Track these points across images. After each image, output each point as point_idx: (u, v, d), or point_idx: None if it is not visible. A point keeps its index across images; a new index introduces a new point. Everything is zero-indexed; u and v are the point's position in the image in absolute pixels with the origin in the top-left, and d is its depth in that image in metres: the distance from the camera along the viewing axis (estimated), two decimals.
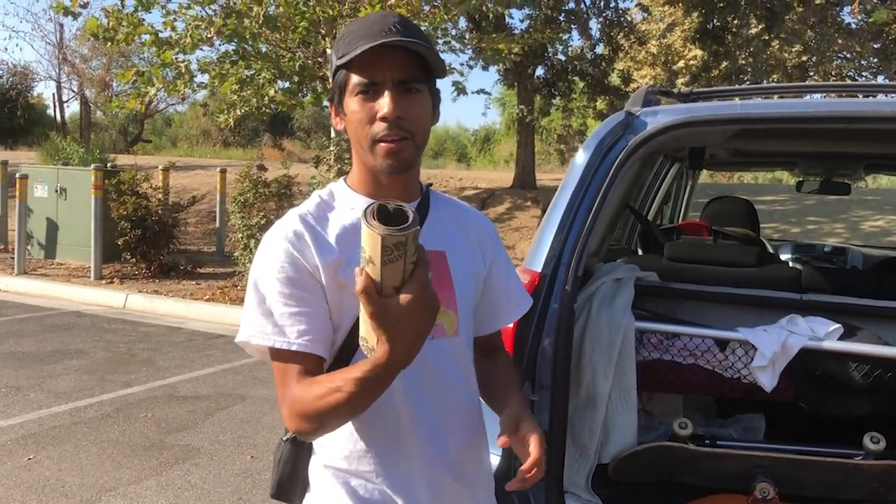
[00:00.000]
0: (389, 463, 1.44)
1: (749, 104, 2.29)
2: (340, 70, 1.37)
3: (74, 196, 10.71)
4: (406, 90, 1.35)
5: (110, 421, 4.97)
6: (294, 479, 1.55)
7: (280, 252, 1.37)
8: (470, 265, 1.53)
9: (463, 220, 1.57)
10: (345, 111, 1.39)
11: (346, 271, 1.37)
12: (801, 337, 2.29)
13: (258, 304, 1.37)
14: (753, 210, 3.44)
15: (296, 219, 1.41)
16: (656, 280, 2.68)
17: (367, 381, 1.22)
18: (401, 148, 1.36)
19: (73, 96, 28.14)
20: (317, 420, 1.30)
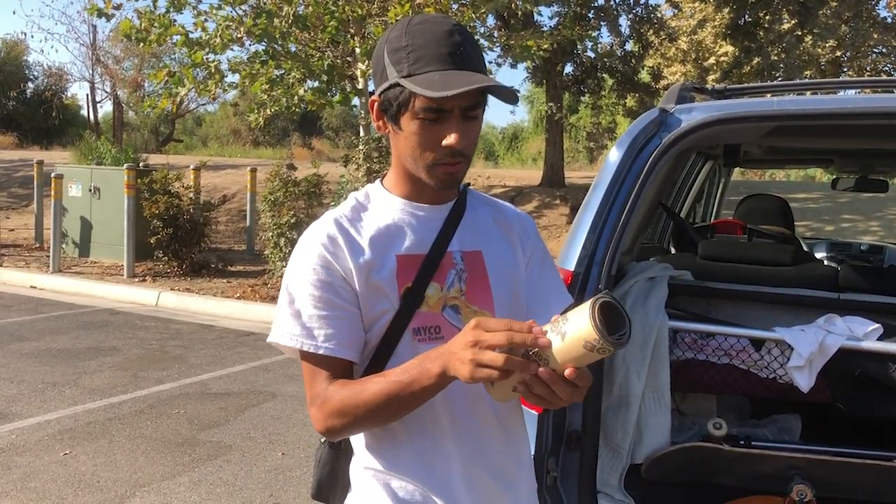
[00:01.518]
0: (429, 464, 1.43)
1: (785, 101, 2.25)
2: (401, 87, 1.31)
3: (108, 195, 10.87)
4: (469, 116, 1.33)
5: (143, 417, 5.03)
6: (334, 480, 1.56)
7: (313, 255, 1.37)
8: (508, 264, 1.51)
9: (501, 220, 1.55)
10: (400, 127, 1.35)
11: (380, 273, 1.37)
12: (839, 337, 2.25)
13: (289, 306, 1.38)
14: (788, 208, 3.39)
15: (330, 222, 1.41)
16: (690, 279, 2.65)
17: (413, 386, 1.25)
18: (458, 170, 1.36)
19: (105, 97, 28.54)
20: (349, 415, 1.32)
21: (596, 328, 1.10)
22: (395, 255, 1.39)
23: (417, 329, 1.39)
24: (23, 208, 15.90)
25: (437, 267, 1.41)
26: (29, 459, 4.27)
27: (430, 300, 1.40)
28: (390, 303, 1.37)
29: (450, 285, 1.42)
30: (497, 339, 1.15)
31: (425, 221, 1.44)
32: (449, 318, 1.41)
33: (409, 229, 1.42)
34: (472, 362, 1.16)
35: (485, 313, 1.46)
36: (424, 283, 1.40)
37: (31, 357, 6.37)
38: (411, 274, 1.39)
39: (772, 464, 2.32)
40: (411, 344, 1.38)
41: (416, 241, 1.42)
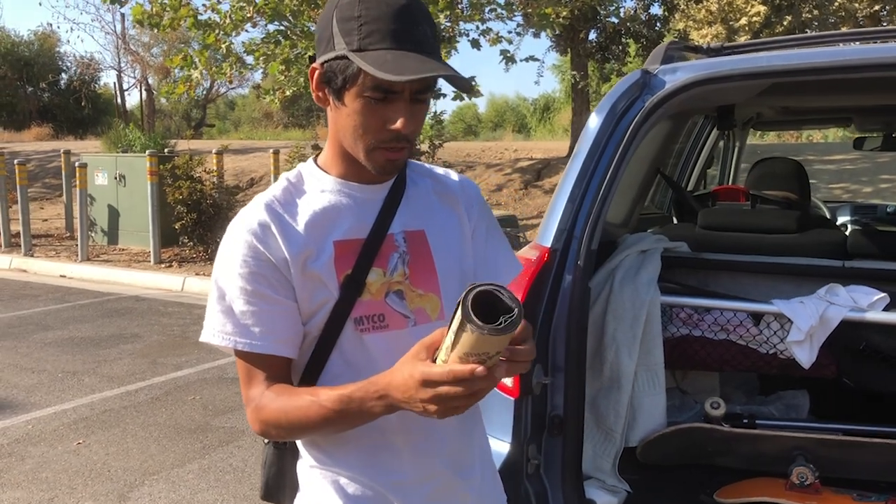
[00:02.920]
0: (378, 459, 1.35)
1: (776, 56, 2.08)
2: (349, 60, 1.19)
3: (133, 182, 10.93)
4: (417, 99, 1.23)
5: (159, 404, 5.03)
6: (281, 480, 1.48)
7: (243, 245, 1.27)
8: (453, 241, 1.41)
9: (443, 191, 1.44)
10: (343, 103, 1.24)
11: (317, 261, 1.28)
12: (842, 308, 2.10)
13: (219, 301, 1.28)
14: (802, 171, 3.21)
15: (261, 207, 1.30)
16: (686, 250, 2.51)
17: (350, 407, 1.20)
18: (401, 156, 1.27)
19: (132, 84, 28.79)
20: (283, 429, 1.28)
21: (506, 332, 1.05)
22: (333, 241, 1.30)
23: (359, 318, 1.30)
24: (56, 198, 16.09)
25: (378, 251, 1.32)
26: (43, 450, 4.29)
27: (372, 287, 1.31)
28: (329, 292, 1.29)
29: (392, 269, 1.33)
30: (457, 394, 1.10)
31: (364, 203, 1.34)
32: (393, 305, 1.32)
33: (347, 212, 1.33)
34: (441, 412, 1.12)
35: (432, 297, 1.36)
36: (365, 270, 1.31)
37: (54, 346, 6.42)
38: (350, 260, 1.30)
39: (773, 444, 2.19)
40: (353, 334, 1.30)
41: (355, 224, 1.32)
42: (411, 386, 1.12)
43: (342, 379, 1.28)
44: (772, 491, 2.14)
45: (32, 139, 25.72)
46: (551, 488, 2.02)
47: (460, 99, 9.16)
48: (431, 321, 1.36)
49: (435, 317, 1.37)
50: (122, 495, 3.74)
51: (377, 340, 1.31)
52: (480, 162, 15.50)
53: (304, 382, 1.33)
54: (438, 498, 1.39)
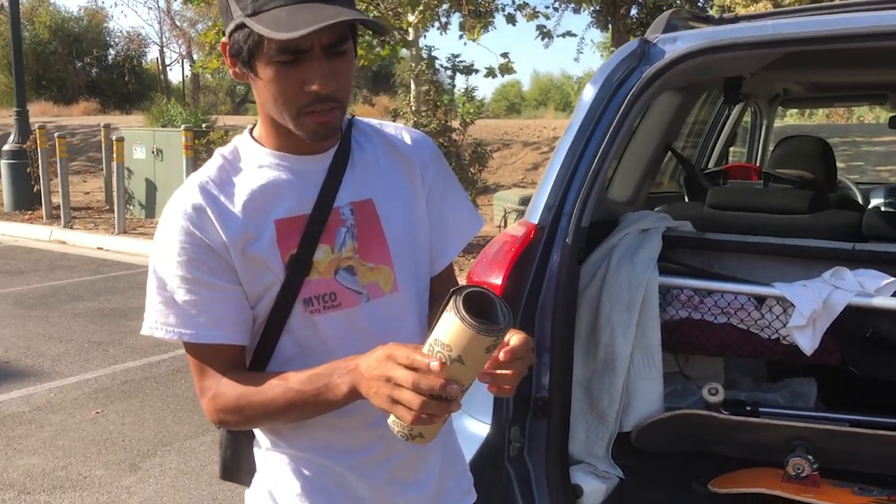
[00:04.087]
0: (336, 439, 1.30)
1: (784, 23, 1.96)
2: (247, 28, 1.11)
3: (169, 157, 11.05)
4: (334, 53, 1.14)
5: (179, 376, 5.08)
6: (238, 461, 1.43)
7: (180, 231, 1.19)
8: (404, 207, 1.32)
9: (393, 152, 1.34)
10: (256, 74, 1.15)
11: (258, 243, 1.21)
12: (847, 293, 1.99)
13: (158, 292, 1.22)
14: (827, 150, 3.06)
15: (195, 189, 1.21)
16: (690, 230, 2.41)
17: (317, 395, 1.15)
18: (332, 118, 1.17)
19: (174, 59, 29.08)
20: (244, 416, 1.22)
21: (486, 332, 1.00)
22: (274, 220, 1.22)
23: (309, 299, 1.23)
24: (99, 172, 16.35)
25: (325, 227, 1.24)
26: (62, 417, 4.36)
27: (320, 265, 1.24)
28: (274, 275, 1.22)
29: (341, 245, 1.25)
30: (405, 381, 1.03)
31: (304, 175, 1.25)
32: (343, 282, 1.25)
33: (288, 187, 1.24)
34: (388, 398, 1.05)
35: (384, 269, 1.29)
36: (311, 248, 1.23)
37: (84, 316, 6.53)
38: (294, 239, 1.22)
39: (772, 433, 2.10)
40: (303, 316, 1.24)
41: (296, 200, 1.24)
42: (377, 360, 1.07)
43: (294, 362, 1.24)
44: (768, 482, 2.05)
45: (80, 114, 26.17)
46: (534, 472, 1.96)
47: (492, 76, 9.03)
48: (385, 294, 1.29)
49: (388, 290, 1.30)
50: (133, 464, 3.78)
51: (329, 321, 1.25)
52: (517, 140, 15.36)
53: (253, 367, 1.28)
54: (400, 476, 1.34)
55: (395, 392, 1.03)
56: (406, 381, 1.02)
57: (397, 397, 1.03)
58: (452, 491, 1.43)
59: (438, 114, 8.30)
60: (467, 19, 9.50)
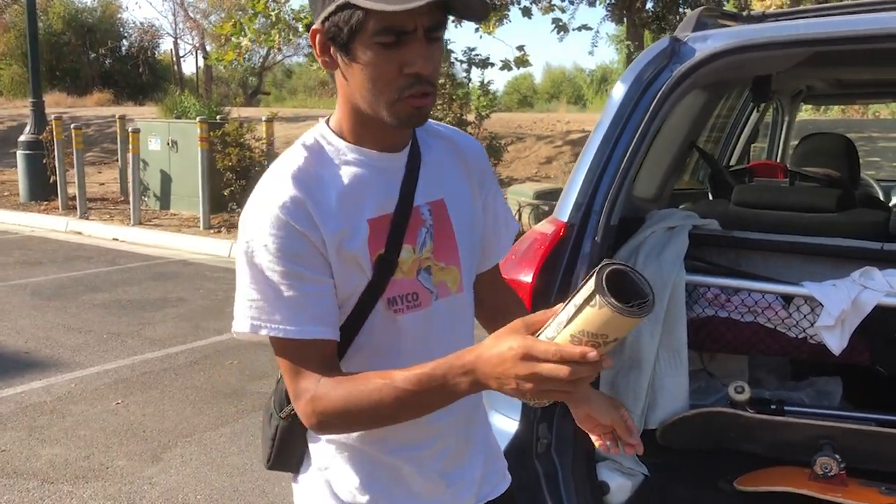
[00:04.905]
0: (394, 434, 1.28)
1: (815, 23, 1.96)
2: (353, 8, 1.10)
3: (184, 148, 11.08)
4: (431, 38, 1.13)
5: (197, 368, 5.12)
6: (292, 451, 1.41)
7: (276, 224, 1.16)
8: (468, 208, 1.34)
9: (454, 152, 1.36)
10: (352, 57, 1.14)
11: (353, 242, 1.20)
12: (877, 293, 1.99)
13: (256, 288, 1.17)
14: (851, 148, 3.05)
15: (289, 181, 1.18)
16: (716, 228, 2.41)
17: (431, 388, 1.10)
18: (427, 103, 1.16)
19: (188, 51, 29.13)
20: (350, 418, 1.17)
21: (639, 315, 0.96)
22: (367, 219, 1.21)
23: (393, 299, 1.23)
24: (113, 163, 16.42)
25: (407, 227, 1.24)
26: (83, 408, 4.40)
27: (404, 265, 1.24)
28: (364, 274, 1.21)
29: (422, 245, 1.26)
30: (560, 375, 1.00)
31: (385, 173, 1.24)
32: (424, 283, 1.26)
33: (373, 185, 1.23)
34: (533, 391, 1.02)
35: (452, 270, 1.30)
36: (397, 248, 1.23)
37: (101, 307, 6.57)
38: (382, 238, 1.22)
39: (799, 432, 2.10)
40: (385, 315, 1.24)
41: (381, 198, 1.23)
42: (508, 359, 1.02)
43: (367, 363, 1.24)
44: (795, 481, 2.05)
45: (94, 104, 26.27)
46: (562, 468, 1.97)
47: (508, 69, 9.02)
48: (451, 293, 1.30)
49: (455, 290, 1.31)
50: (155, 455, 3.81)
51: (411, 320, 1.25)
52: (531, 133, 15.32)
53: None
54: (451, 466, 1.37)
55: (545, 385, 1.01)
56: (561, 374, 0.99)
57: (548, 388, 1.02)
58: (492, 475, 1.46)
59: (454, 107, 8.30)
60: None
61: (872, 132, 12.63)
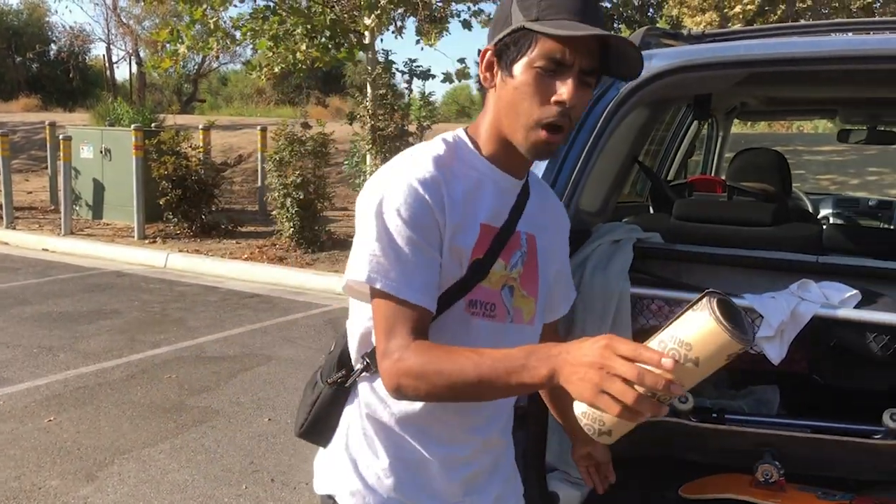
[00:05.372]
0: (437, 429, 1.39)
1: (754, 45, 2.04)
2: (527, 32, 1.23)
3: (118, 157, 10.81)
4: (582, 81, 1.23)
5: (134, 382, 4.99)
6: (329, 422, 1.48)
7: (413, 195, 1.25)
8: (552, 255, 1.48)
9: (550, 207, 1.51)
10: (512, 75, 1.25)
11: (464, 238, 1.30)
12: (814, 304, 2.07)
13: (382, 245, 1.25)
14: (783, 163, 3.16)
15: (430, 161, 1.29)
16: (659, 241, 2.47)
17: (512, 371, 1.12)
18: (558, 140, 1.27)
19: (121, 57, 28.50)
20: (429, 382, 1.19)
21: (738, 339, 0.98)
22: (480, 223, 1.32)
23: (474, 301, 1.32)
24: (42, 171, 15.90)
25: (507, 244, 1.36)
26: (13, 426, 4.24)
27: (493, 276, 1.34)
28: (460, 270, 1.30)
29: (513, 265, 1.37)
30: (626, 373, 0.99)
31: (503, 192, 1.37)
32: (504, 299, 1.36)
33: (491, 197, 1.34)
34: (595, 386, 1.01)
35: (531, 301, 1.41)
36: (493, 258, 1.34)
37: (31, 321, 6.36)
38: (485, 246, 1.32)
39: (740, 439, 2.17)
40: (462, 314, 1.32)
41: (496, 211, 1.35)
42: (590, 346, 1.04)
43: None
44: (737, 487, 2.12)
45: (20, 110, 25.38)
46: None
47: (450, 81, 9.10)
48: (524, 322, 1.40)
49: (528, 320, 1.41)
50: (90, 474, 3.70)
51: (482, 326, 1.33)
52: None
53: None
54: (475, 480, 1.46)
55: (607, 382, 1.00)
56: (628, 372, 0.98)
57: (607, 388, 1.00)
58: (508, 497, 1.55)
59: (395, 117, 8.31)
60: (423, 24, 9.52)
61: (798, 146, 13.10)
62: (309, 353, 5.59)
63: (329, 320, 6.64)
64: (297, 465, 3.85)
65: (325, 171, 9.71)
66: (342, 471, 1.43)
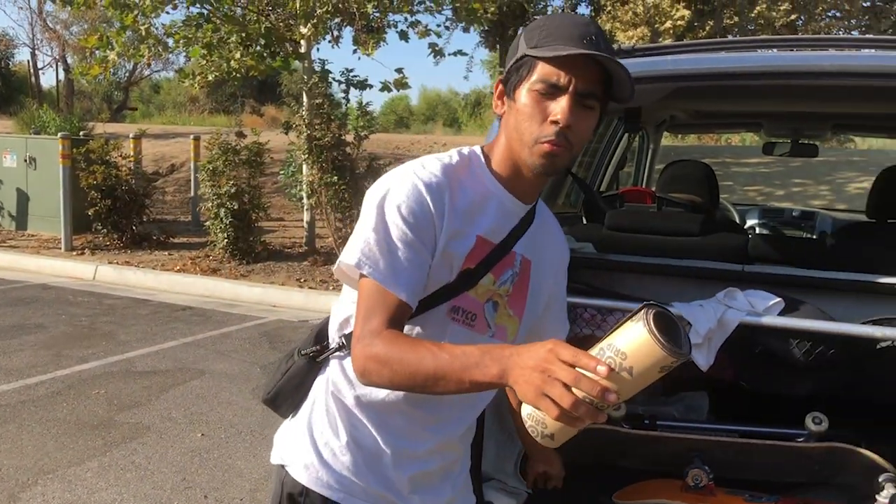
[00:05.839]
0: (398, 421, 1.45)
1: (681, 59, 2.09)
2: (527, 58, 1.32)
3: (44, 165, 10.48)
4: (582, 104, 1.31)
5: (60, 399, 4.82)
6: (295, 393, 1.55)
7: (417, 194, 1.33)
8: (545, 284, 1.53)
9: (552, 240, 1.57)
10: (514, 99, 1.34)
11: (459, 246, 1.36)
12: (739, 312, 2.12)
13: (377, 235, 1.32)
14: (711, 175, 3.25)
15: (440, 168, 1.37)
16: (592, 251, 2.51)
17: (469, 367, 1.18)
18: (560, 152, 1.32)
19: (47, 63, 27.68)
20: (391, 369, 1.24)
21: (671, 352, 1.01)
22: (477, 234, 1.39)
23: (457, 308, 1.39)
24: None
25: (500, 261, 1.42)
26: None
27: (480, 288, 1.40)
28: (449, 276, 1.37)
29: (502, 282, 1.43)
30: (565, 377, 1.04)
31: (508, 213, 1.42)
32: (486, 312, 1.42)
33: (493, 213, 1.40)
34: (537, 389, 1.06)
35: (515, 321, 1.47)
36: (484, 272, 1.40)
37: None
38: (478, 257, 1.39)
39: (672, 446, 2.21)
40: (443, 318, 1.38)
41: (495, 228, 1.41)
42: (537, 350, 1.09)
43: None
44: (668, 492, 2.15)
45: None
46: None
47: (388, 90, 9.09)
48: (506, 340, 1.46)
49: (510, 339, 1.47)
50: (12, 495, 3.56)
51: (458, 333, 1.39)
52: (409, 154, 15.43)
53: None
54: (425, 481, 1.51)
55: (548, 385, 1.04)
56: (566, 377, 1.03)
57: (548, 391, 1.04)
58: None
59: (332, 127, 8.26)
60: (360, 34, 9.50)
61: (726, 158, 13.49)
62: (243, 367, 5.50)
63: (264, 333, 6.54)
64: (231, 480, 3.77)
65: (261, 181, 9.58)
66: (300, 443, 1.49)
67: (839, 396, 2.31)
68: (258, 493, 3.65)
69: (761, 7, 13.50)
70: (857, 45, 2.72)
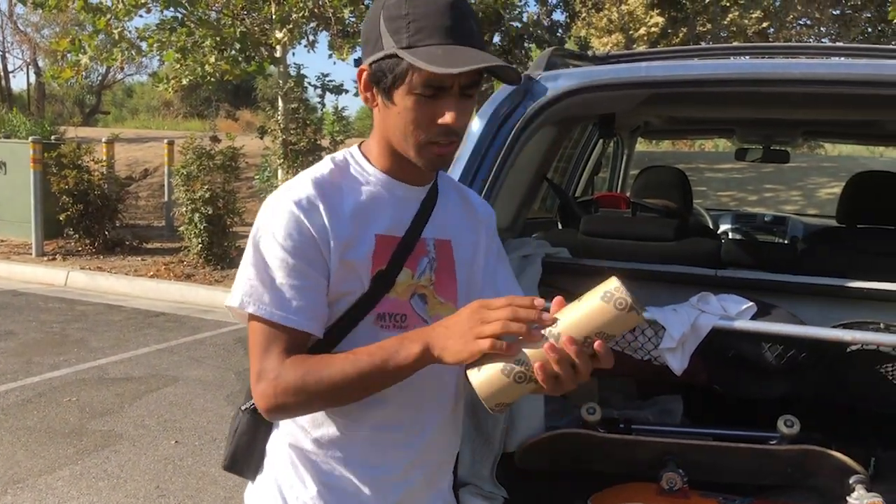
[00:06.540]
0: (366, 452, 1.36)
1: (655, 66, 2.12)
2: (397, 58, 1.21)
3: (14, 170, 10.33)
4: (464, 95, 1.24)
5: (31, 407, 4.76)
6: (251, 451, 1.45)
7: (290, 218, 1.27)
8: (472, 257, 1.47)
9: (468, 208, 1.49)
10: (392, 101, 1.25)
11: (357, 252, 1.29)
12: (712, 316, 2.15)
13: (257, 270, 1.27)
14: (685, 179, 3.28)
15: (309, 184, 1.30)
16: (567, 256, 2.52)
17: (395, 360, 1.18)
18: (450, 151, 1.29)
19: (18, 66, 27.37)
20: (309, 392, 1.22)
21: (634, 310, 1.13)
22: (375, 234, 1.32)
23: (382, 315, 1.32)
24: None
25: (411, 252, 1.35)
26: None
27: (399, 287, 1.34)
28: (360, 284, 1.30)
29: (421, 273, 1.37)
30: (501, 313, 1.10)
31: (402, 201, 1.36)
32: (416, 308, 1.36)
33: (388, 207, 1.34)
34: (470, 332, 1.11)
35: (450, 306, 1.39)
36: (397, 268, 1.34)
37: None
38: (385, 257, 1.32)
39: (647, 449, 2.22)
40: (372, 329, 1.31)
41: (395, 221, 1.35)
42: (463, 316, 1.12)
43: None
44: (643, 496, 2.16)
45: None
46: None
47: None
48: None
49: None
50: None
51: None
52: None
53: None
54: (410, 500, 1.42)
55: (481, 326, 1.11)
56: (502, 312, 1.10)
57: (483, 331, 1.10)
58: None
59: (308, 132, 8.24)
60: (336, 39, 9.49)
61: (700, 163, 13.59)
62: (218, 373, 5.45)
63: (239, 339, 6.50)
64: (205, 487, 3.74)
65: (236, 186, 9.52)
66: (269, 501, 1.40)
67: (811, 399, 2.34)
68: (232, 501, 3.62)
69: (734, 15, 13.67)
70: (826, 53, 2.76)
